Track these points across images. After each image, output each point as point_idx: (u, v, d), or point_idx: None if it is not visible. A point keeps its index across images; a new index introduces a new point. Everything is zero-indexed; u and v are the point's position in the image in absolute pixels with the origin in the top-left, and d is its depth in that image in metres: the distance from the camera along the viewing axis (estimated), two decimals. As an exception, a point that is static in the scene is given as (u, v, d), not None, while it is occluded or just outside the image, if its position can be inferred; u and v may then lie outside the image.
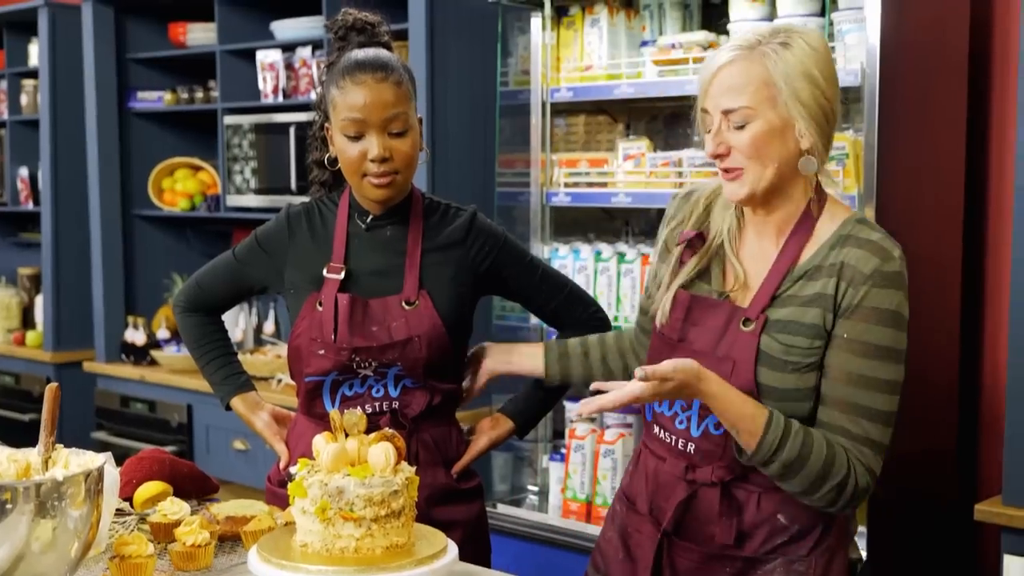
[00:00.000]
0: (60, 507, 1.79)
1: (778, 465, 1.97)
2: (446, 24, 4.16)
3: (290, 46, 4.93)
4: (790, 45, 2.00)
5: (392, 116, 2.33)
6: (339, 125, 2.34)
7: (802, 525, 2.08)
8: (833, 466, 1.97)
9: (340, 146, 2.36)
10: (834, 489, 1.98)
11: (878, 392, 1.99)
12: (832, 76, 2.04)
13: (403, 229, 2.45)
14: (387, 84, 2.34)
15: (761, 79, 2.00)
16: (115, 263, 5.53)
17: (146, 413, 5.29)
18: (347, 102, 2.32)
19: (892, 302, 2.00)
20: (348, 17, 2.48)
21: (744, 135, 2.01)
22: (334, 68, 2.39)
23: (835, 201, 2.12)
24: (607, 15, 3.74)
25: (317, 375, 2.42)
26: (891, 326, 2.00)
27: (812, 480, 1.98)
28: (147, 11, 5.54)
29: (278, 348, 5.15)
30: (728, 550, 2.10)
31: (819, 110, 2.01)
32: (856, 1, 3.19)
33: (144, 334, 5.39)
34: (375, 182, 2.35)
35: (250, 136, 5.08)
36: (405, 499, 1.89)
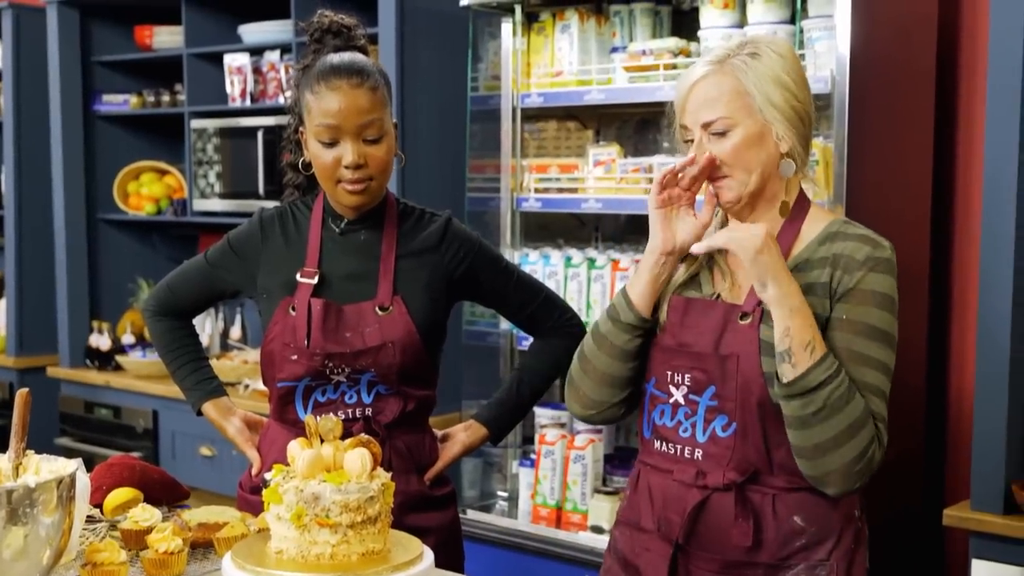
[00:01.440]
0: (32, 514, 1.77)
1: (818, 401, 1.95)
2: (416, 29, 4.15)
3: (258, 50, 4.91)
4: (759, 55, 2.07)
5: (367, 123, 2.31)
6: (313, 131, 2.33)
7: (819, 527, 2.07)
8: (865, 426, 1.98)
9: (314, 151, 2.35)
10: (858, 451, 1.97)
11: (877, 371, 2.02)
12: (802, 80, 2.10)
13: (377, 234, 2.44)
14: (362, 90, 2.32)
15: (734, 89, 2.06)
16: (80, 267, 5.48)
17: (111, 419, 5.24)
18: (322, 108, 2.30)
19: (886, 286, 2.04)
20: (324, 20, 2.46)
21: (725, 144, 2.07)
22: (309, 72, 2.37)
23: (818, 206, 2.18)
24: (577, 21, 3.75)
25: (290, 380, 2.41)
26: (886, 310, 2.04)
27: (841, 431, 1.96)
28: (113, 14, 5.49)
29: (245, 353, 5.12)
30: (746, 555, 2.07)
31: (794, 113, 2.07)
32: (826, 9, 3.21)
33: (109, 339, 5.35)
34: (349, 188, 2.34)
35: (217, 140, 5.05)
36: (381, 505, 1.88)
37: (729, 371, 2.05)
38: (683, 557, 2.12)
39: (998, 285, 2.96)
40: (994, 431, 2.96)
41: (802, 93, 2.09)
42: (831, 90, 3.11)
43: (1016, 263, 2.94)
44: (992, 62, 2.96)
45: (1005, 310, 2.94)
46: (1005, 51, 2.93)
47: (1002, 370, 2.95)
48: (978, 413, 2.99)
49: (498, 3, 3.80)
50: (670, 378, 2.13)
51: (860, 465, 1.99)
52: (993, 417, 2.96)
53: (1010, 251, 2.94)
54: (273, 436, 2.49)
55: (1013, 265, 2.94)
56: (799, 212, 2.13)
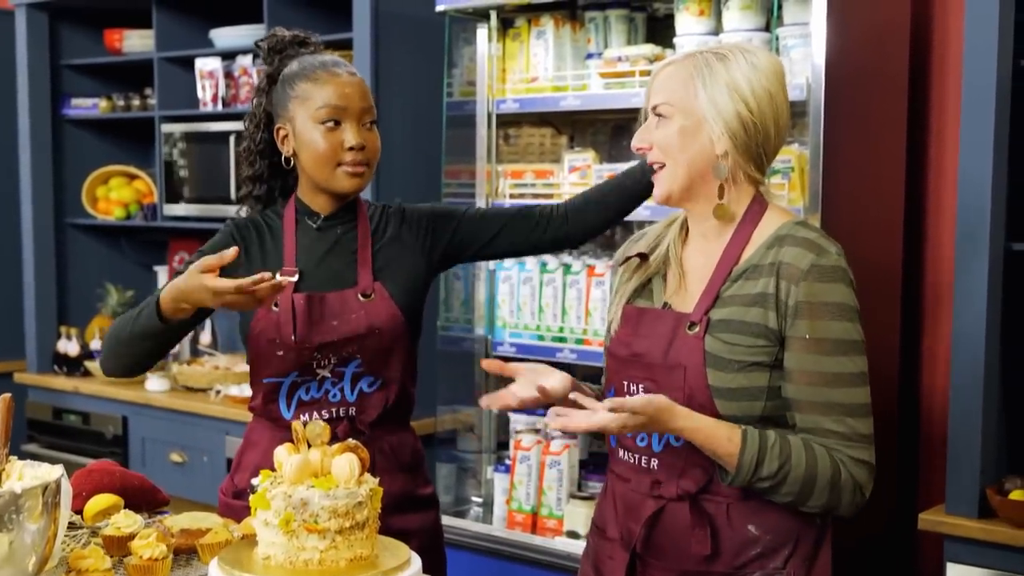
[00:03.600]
0: (17, 520, 1.76)
1: (764, 480, 1.98)
2: (391, 34, 4.15)
3: (230, 54, 4.89)
4: (727, 58, 2.07)
5: (367, 107, 2.42)
6: (315, 115, 2.38)
7: (775, 536, 2.07)
8: (817, 467, 1.98)
9: (311, 138, 2.39)
10: (827, 489, 1.99)
11: (851, 387, 2.01)
12: (767, 95, 2.06)
13: (352, 228, 2.50)
14: (359, 80, 2.43)
15: (685, 81, 2.07)
16: (47, 272, 5.43)
17: (80, 425, 5.20)
18: (325, 91, 2.38)
19: (837, 294, 2.01)
20: (285, 33, 2.53)
21: (660, 131, 2.10)
22: (289, 72, 2.43)
23: (777, 208, 2.16)
24: (553, 27, 3.76)
25: (276, 377, 2.43)
26: (844, 319, 2.00)
27: (801, 485, 1.98)
28: (82, 17, 5.45)
29: (215, 359, 5.10)
30: (703, 564, 2.07)
31: (737, 120, 2.04)
32: (801, 16, 3.23)
33: (77, 344, 5.31)
34: (350, 170, 2.39)
35: (188, 145, 5.03)
36: (369, 510, 1.88)
37: (676, 382, 2.05)
38: (641, 566, 2.13)
39: (973, 289, 2.98)
40: (969, 435, 2.99)
41: (759, 105, 2.05)
42: (806, 97, 3.13)
43: (991, 265, 2.97)
44: (967, 66, 2.99)
45: (980, 314, 2.97)
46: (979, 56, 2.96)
47: (977, 374, 2.97)
48: (953, 417, 3.02)
49: (473, 9, 3.81)
50: (626, 387, 2.14)
51: (845, 500, 2.02)
52: (968, 421, 2.99)
53: (984, 254, 2.97)
54: (257, 435, 2.49)
55: (988, 268, 2.97)
56: (753, 217, 2.11)
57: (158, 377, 4.97)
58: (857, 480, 2.01)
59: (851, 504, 2.03)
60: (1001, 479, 3.02)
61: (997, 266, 2.99)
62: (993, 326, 2.99)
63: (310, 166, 2.42)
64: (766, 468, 1.97)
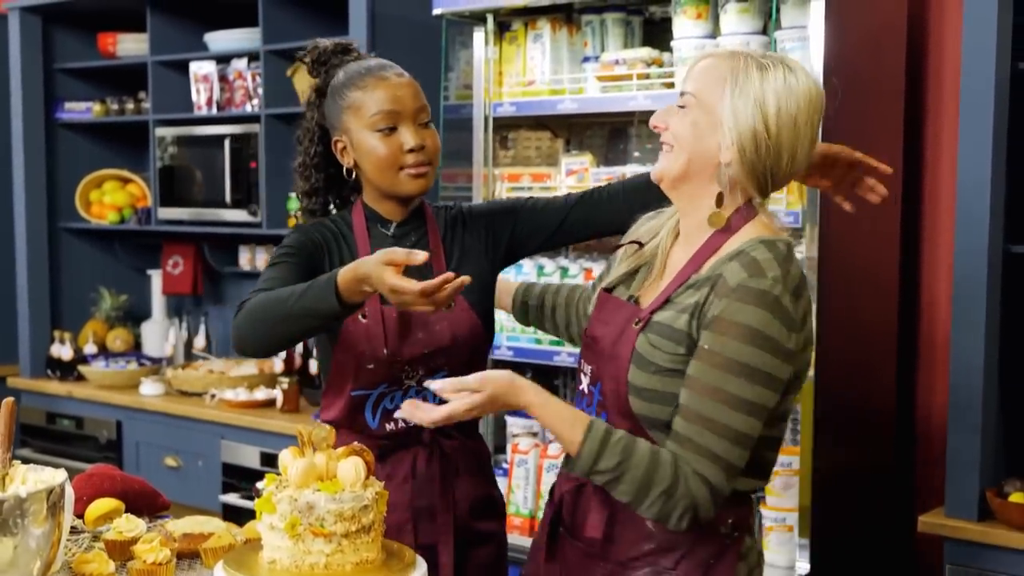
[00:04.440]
0: (22, 525, 1.76)
1: (601, 473, 1.96)
2: (388, 38, 4.14)
3: (224, 58, 4.88)
4: (767, 69, 1.99)
5: (421, 106, 2.35)
6: (369, 122, 2.30)
7: (669, 536, 2.04)
8: (656, 473, 1.93)
9: (370, 146, 2.31)
10: (661, 498, 1.94)
11: (730, 408, 1.93)
12: (790, 120, 1.98)
13: (424, 235, 2.42)
14: (409, 79, 2.37)
15: (717, 78, 2.01)
16: (41, 276, 5.42)
17: (73, 430, 5.19)
18: (377, 97, 2.31)
19: (752, 319, 1.92)
20: (327, 43, 2.46)
21: (676, 117, 2.07)
22: (337, 83, 2.36)
23: (761, 223, 2.07)
24: (549, 31, 3.75)
25: (365, 389, 2.37)
26: (751, 344, 1.92)
27: (637, 488, 1.94)
28: (76, 20, 5.45)
29: (210, 363, 5.09)
30: (602, 548, 2.09)
31: (751, 135, 1.98)
32: (799, 20, 3.23)
33: (71, 349, 5.29)
34: (413, 172, 2.32)
35: (182, 148, 5.02)
36: (375, 514, 1.88)
37: (611, 371, 2.06)
38: (560, 542, 2.17)
39: (972, 291, 2.99)
40: (968, 438, 3.00)
41: (779, 127, 1.98)
42: (805, 100, 3.13)
43: (990, 267, 2.97)
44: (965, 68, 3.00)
45: (979, 316, 2.97)
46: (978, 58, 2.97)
47: (976, 376, 2.98)
48: (952, 420, 3.03)
49: (470, 12, 3.80)
50: (581, 367, 2.19)
51: (677, 513, 1.95)
52: (967, 423, 3.00)
53: (984, 256, 2.97)
54: (340, 445, 2.44)
55: (987, 270, 2.97)
56: (731, 227, 2.06)
57: (152, 381, 4.96)
58: (694, 497, 1.94)
59: (679, 520, 1.96)
60: (1001, 482, 3.03)
61: (996, 268, 3.00)
62: (992, 328, 3.00)
63: (373, 174, 2.35)
64: (604, 462, 1.95)
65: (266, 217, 4.69)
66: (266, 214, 4.69)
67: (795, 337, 1.95)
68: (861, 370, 3.37)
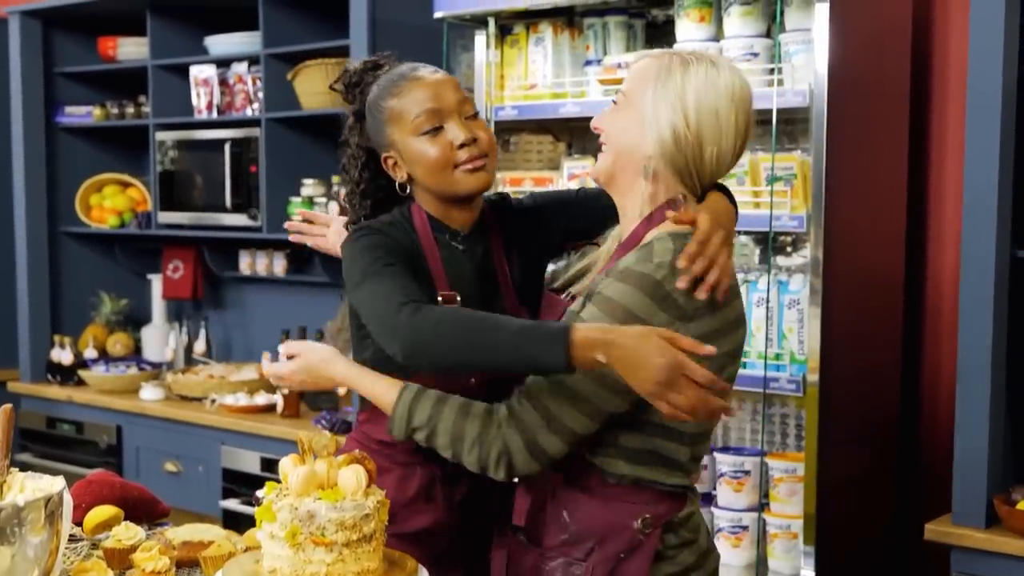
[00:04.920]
0: (20, 533, 1.73)
1: (419, 430, 2.03)
2: (388, 41, 4.11)
3: (225, 61, 4.86)
4: (689, 65, 2.03)
5: (463, 99, 2.23)
6: (413, 126, 2.20)
7: (582, 528, 2.06)
8: (467, 420, 2.00)
9: (419, 151, 2.20)
10: (476, 445, 1.99)
11: (553, 386, 1.97)
12: (710, 115, 2.00)
13: (488, 245, 2.32)
14: (444, 75, 2.25)
15: (647, 76, 2.05)
16: (41, 281, 5.41)
17: (73, 435, 5.17)
18: (416, 99, 2.20)
19: (623, 296, 1.93)
20: (355, 64, 2.35)
21: (607, 115, 2.11)
22: (373, 99, 2.26)
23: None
24: (551, 34, 3.73)
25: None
26: (611, 316, 1.92)
27: (452, 437, 2.00)
28: (76, 24, 5.43)
29: (210, 368, 5.07)
30: (528, 534, 2.12)
31: (670, 131, 2.00)
32: (803, 22, 3.21)
33: (71, 353, 5.27)
34: (469, 167, 2.19)
35: (182, 153, 5.00)
36: (376, 523, 1.85)
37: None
38: (501, 523, 2.21)
39: (979, 295, 2.96)
40: (976, 444, 2.97)
41: (699, 122, 2.00)
42: (809, 103, 3.11)
43: (997, 271, 2.95)
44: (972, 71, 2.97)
45: (986, 320, 2.95)
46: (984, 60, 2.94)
47: (983, 382, 2.95)
48: (959, 426, 3.00)
49: (471, 15, 3.78)
50: None
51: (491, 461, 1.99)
52: (975, 430, 2.97)
53: (991, 260, 2.94)
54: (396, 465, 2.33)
55: (994, 274, 2.94)
56: (651, 221, 2.06)
57: (152, 386, 4.94)
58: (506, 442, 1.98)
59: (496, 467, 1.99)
60: (1008, 489, 3.00)
61: (1003, 273, 2.97)
62: (1000, 333, 2.97)
63: (427, 179, 2.22)
64: (417, 416, 2.02)
65: (266, 221, 4.67)
66: (266, 218, 4.67)
67: (678, 325, 1.93)
68: (866, 375, 3.34)
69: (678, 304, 1.94)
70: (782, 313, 3.27)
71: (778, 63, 3.23)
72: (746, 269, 3.58)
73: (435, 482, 2.27)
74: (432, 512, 2.27)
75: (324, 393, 4.60)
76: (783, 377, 3.21)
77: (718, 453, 3.41)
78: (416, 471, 2.27)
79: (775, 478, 3.30)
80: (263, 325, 5.24)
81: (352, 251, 2.18)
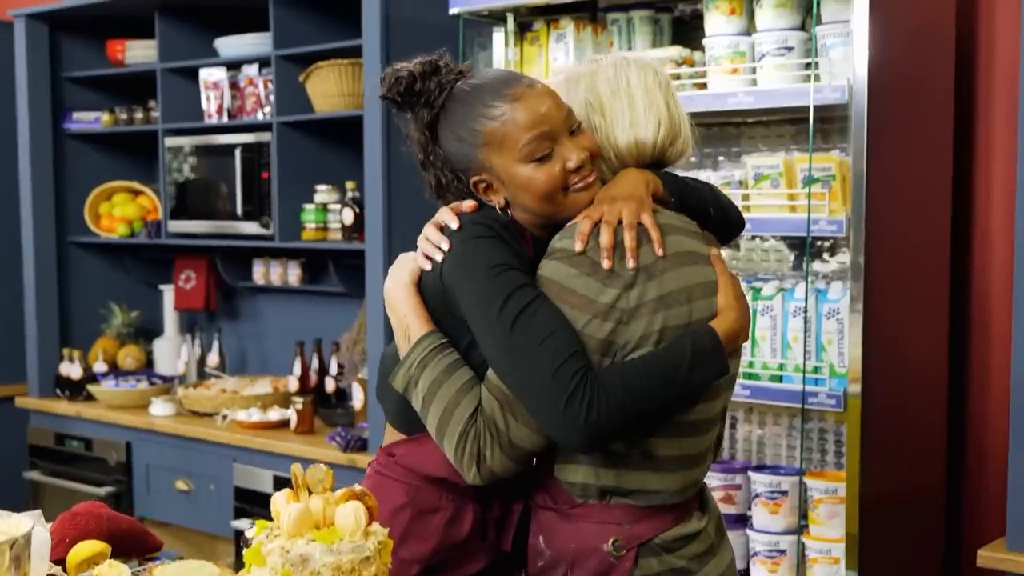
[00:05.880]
0: (-20, 581, 1.56)
1: (420, 390, 1.95)
2: (402, 40, 3.95)
3: (235, 64, 4.70)
4: (598, 63, 2.12)
5: (567, 112, 2.01)
6: (520, 155, 1.96)
7: (555, 552, 2.01)
8: (458, 407, 1.92)
9: (526, 178, 1.97)
10: (460, 439, 1.91)
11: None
12: (595, 98, 2.07)
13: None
14: (543, 87, 2.02)
15: (555, 86, 2.11)
16: (49, 292, 5.24)
17: (82, 451, 5.01)
18: (521, 122, 1.96)
19: (552, 272, 1.94)
20: (406, 68, 2.04)
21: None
22: (457, 118, 2.01)
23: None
24: (573, 30, 3.56)
25: None
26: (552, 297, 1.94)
27: (440, 418, 1.93)
28: (83, 28, 5.27)
29: (223, 382, 4.90)
30: (512, 561, 2.08)
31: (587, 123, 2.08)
32: (842, 14, 3.03)
33: (80, 367, 5.11)
34: (580, 186, 1.99)
35: (193, 158, 4.84)
36: (378, 566, 1.67)
37: None
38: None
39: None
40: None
41: (587, 110, 2.07)
42: (848, 100, 2.93)
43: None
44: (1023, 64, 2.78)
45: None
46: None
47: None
48: (1014, 443, 2.81)
49: (489, 11, 3.61)
50: None
51: (465, 457, 1.92)
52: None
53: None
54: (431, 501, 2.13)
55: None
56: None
57: (163, 401, 4.79)
58: (482, 452, 1.92)
59: (468, 466, 1.92)
60: (1068, 511, 2.81)
61: (1059, 280, 2.77)
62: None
63: (535, 205, 2.00)
64: (429, 371, 1.95)
65: (279, 229, 4.50)
66: (279, 226, 4.50)
67: (611, 292, 1.90)
68: (910, 388, 3.16)
69: (598, 268, 1.90)
70: (820, 323, 3.09)
71: (814, 57, 3.06)
72: (781, 276, 3.41)
73: (488, 524, 2.08)
74: (486, 555, 2.09)
75: (339, 408, 4.44)
76: (822, 391, 3.04)
77: (753, 472, 3.24)
78: (468, 511, 2.07)
79: (814, 499, 3.12)
80: (278, 336, 5.08)
81: (474, 252, 1.96)
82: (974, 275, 3.39)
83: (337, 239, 4.40)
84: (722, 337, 1.92)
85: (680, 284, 1.93)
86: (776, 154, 3.36)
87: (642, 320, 1.89)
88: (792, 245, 3.47)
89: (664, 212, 2.01)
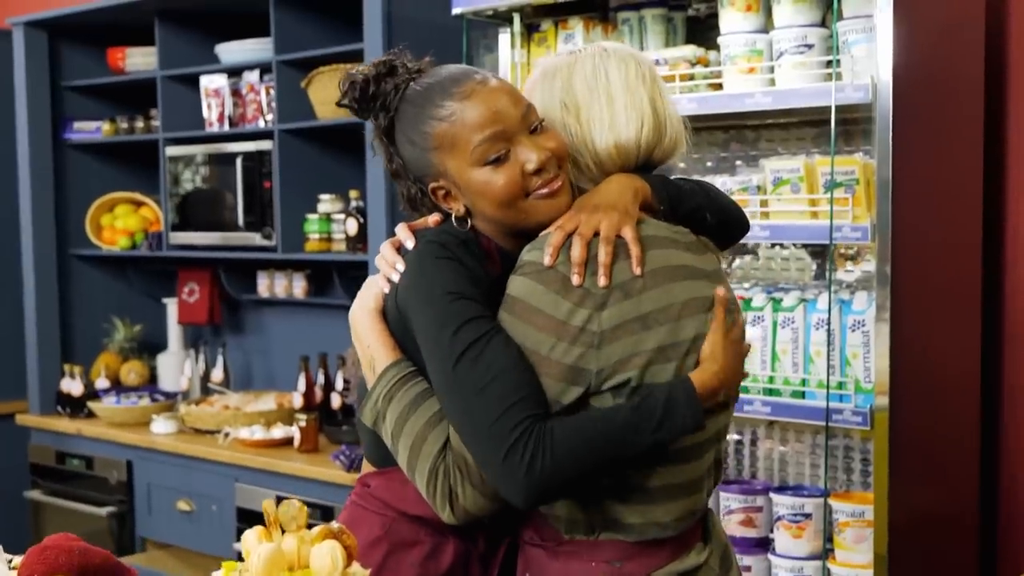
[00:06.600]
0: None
1: (389, 420, 1.84)
2: (405, 41, 3.80)
3: (236, 70, 4.57)
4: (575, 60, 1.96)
5: (526, 108, 1.85)
6: (473, 158, 1.82)
7: None
8: (426, 441, 1.80)
9: (482, 183, 1.83)
10: (430, 476, 1.80)
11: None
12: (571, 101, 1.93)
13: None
14: (500, 83, 1.87)
15: (532, 87, 2.02)
16: (50, 307, 5.12)
17: (83, 470, 4.88)
18: (473, 120, 1.82)
19: (519, 289, 1.80)
20: (361, 72, 1.93)
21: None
22: (408, 121, 1.88)
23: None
24: (582, 30, 3.42)
25: None
26: (518, 317, 1.78)
27: (412, 444, 1.81)
28: (83, 35, 5.15)
29: (226, 398, 4.76)
30: None
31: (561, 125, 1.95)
32: (864, 8, 2.89)
33: (81, 384, 4.98)
34: (544, 192, 1.84)
35: (195, 168, 4.71)
36: (357, 612, 1.51)
37: None
38: None
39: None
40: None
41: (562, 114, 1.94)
42: (871, 99, 2.79)
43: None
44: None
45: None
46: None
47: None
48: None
49: (494, 11, 3.47)
50: None
51: (437, 496, 1.80)
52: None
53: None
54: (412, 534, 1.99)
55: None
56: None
57: (164, 419, 4.65)
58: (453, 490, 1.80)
59: (444, 501, 1.80)
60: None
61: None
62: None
63: (495, 212, 1.86)
64: (395, 404, 1.83)
65: (281, 240, 4.36)
66: (281, 237, 4.36)
67: (581, 313, 1.75)
68: (941, 404, 3.00)
69: (579, 287, 1.76)
70: (845, 336, 2.94)
71: (836, 55, 2.92)
72: (802, 286, 3.27)
73: (471, 559, 1.93)
74: None
75: (345, 425, 4.29)
76: (847, 408, 2.89)
77: (775, 494, 3.09)
78: (448, 545, 1.92)
79: (840, 522, 2.96)
80: (283, 350, 4.94)
81: (429, 275, 1.83)
82: (1007, 283, 3.24)
83: (341, 250, 4.27)
84: (699, 390, 1.74)
85: (663, 303, 1.77)
86: (796, 157, 3.22)
87: (617, 344, 1.73)
88: (814, 253, 3.35)
89: (651, 222, 1.84)
